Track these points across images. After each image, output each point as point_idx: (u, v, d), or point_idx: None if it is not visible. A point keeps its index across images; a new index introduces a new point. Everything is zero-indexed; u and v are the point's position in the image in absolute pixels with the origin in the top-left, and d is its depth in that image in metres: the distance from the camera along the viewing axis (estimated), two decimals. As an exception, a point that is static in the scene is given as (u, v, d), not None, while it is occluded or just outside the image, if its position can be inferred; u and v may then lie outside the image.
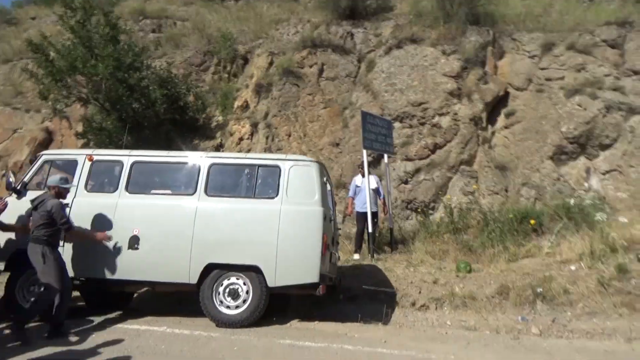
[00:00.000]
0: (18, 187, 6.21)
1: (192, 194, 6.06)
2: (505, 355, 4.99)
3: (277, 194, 5.93)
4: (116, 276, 5.97)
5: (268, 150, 10.72)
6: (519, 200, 9.46)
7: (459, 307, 6.61)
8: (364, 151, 8.54)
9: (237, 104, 11.78)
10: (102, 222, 5.99)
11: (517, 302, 6.41)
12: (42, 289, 5.45)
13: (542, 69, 10.85)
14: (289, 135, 11.05)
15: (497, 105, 10.92)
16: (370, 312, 6.45)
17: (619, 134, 9.59)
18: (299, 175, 6.00)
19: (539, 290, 6.42)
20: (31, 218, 5.52)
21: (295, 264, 5.72)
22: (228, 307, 5.83)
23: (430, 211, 9.86)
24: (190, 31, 14.07)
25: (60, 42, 10.33)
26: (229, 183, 6.34)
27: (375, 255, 8.14)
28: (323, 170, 6.34)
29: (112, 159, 6.48)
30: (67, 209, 5.83)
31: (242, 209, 5.95)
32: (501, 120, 10.84)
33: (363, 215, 8.34)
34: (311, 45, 12.08)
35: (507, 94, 10.98)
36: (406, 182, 10.07)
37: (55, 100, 10.09)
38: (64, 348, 4.93)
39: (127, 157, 6.36)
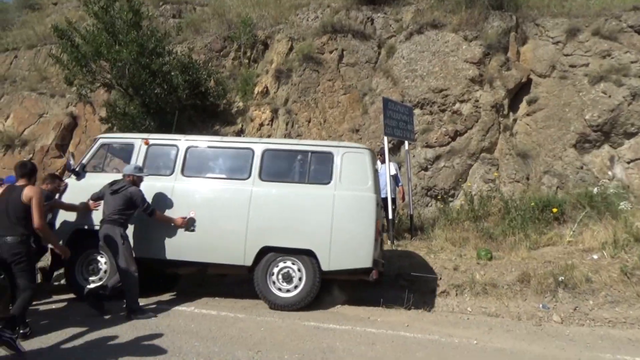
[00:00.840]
0: (77, 169, 6.46)
1: (247, 179, 6.19)
2: (529, 340, 5.05)
3: (330, 180, 6.03)
4: (171, 257, 6.17)
5: (288, 136, 10.77)
6: (540, 189, 9.41)
7: (479, 294, 6.67)
8: (385, 138, 8.55)
9: (257, 89, 11.83)
10: (159, 203, 6.17)
11: (538, 290, 6.44)
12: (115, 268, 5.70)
13: (566, 55, 10.66)
14: (309, 121, 11.09)
15: (519, 92, 10.80)
16: (392, 297, 6.55)
17: (645, 122, 9.43)
18: (352, 162, 6.08)
19: (561, 278, 6.44)
20: (106, 200, 5.81)
21: (349, 248, 5.80)
22: (281, 289, 5.97)
23: (450, 198, 9.86)
24: (210, 16, 14.10)
25: (84, 27, 10.47)
26: (282, 168, 6.45)
27: (395, 241, 8.20)
28: (374, 158, 6.41)
29: (168, 143, 6.62)
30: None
31: (296, 194, 6.07)
32: (523, 108, 10.72)
33: (382, 201, 8.39)
34: (331, 30, 12.02)
35: (529, 80, 10.84)
36: (426, 169, 10.07)
37: (80, 85, 10.25)
38: (98, 324, 5.14)
39: (183, 142, 6.52)
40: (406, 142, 9.21)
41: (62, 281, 7.38)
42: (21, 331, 4.62)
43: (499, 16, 11.39)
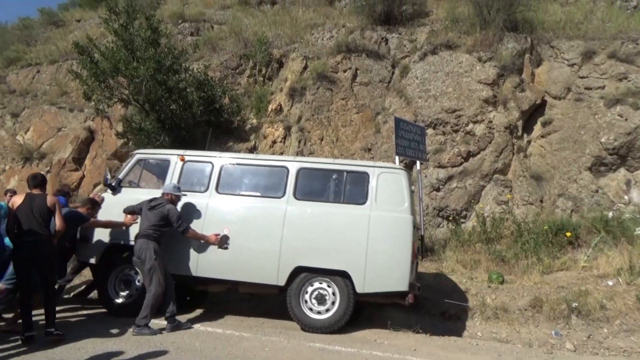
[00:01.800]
0: (113, 184, 6.57)
1: (281, 197, 6.16)
2: (538, 369, 4.92)
3: (366, 200, 5.96)
4: (203, 274, 6.16)
5: (300, 153, 10.82)
6: (554, 212, 9.26)
7: (490, 318, 6.56)
8: (397, 157, 8.52)
9: (271, 107, 11.94)
10: (192, 219, 6.21)
11: (551, 316, 6.30)
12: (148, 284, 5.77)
13: (582, 77, 10.58)
14: (322, 140, 11.13)
15: (533, 113, 10.72)
16: (399, 319, 6.46)
17: (662, 146, 9.26)
18: (388, 183, 6.01)
19: (574, 304, 6.30)
20: (143, 215, 5.96)
21: (385, 271, 5.70)
22: (316, 311, 5.89)
23: (462, 220, 9.75)
24: (227, 35, 14.35)
25: (104, 44, 10.74)
26: (317, 187, 6.42)
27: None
28: (411, 178, 6.34)
29: (203, 160, 6.66)
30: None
31: (331, 214, 6.01)
32: (537, 129, 10.63)
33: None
34: (345, 50, 12.13)
35: (544, 102, 10.76)
36: (438, 190, 9.99)
37: (98, 100, 10.45)
38: (104, 339, 5.16)
39: (218, 159, 6.57)
40: (418, 162, 9.17)
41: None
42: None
43: (514, 38, 11.39)
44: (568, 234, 8.07)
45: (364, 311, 6.53)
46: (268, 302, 7.52)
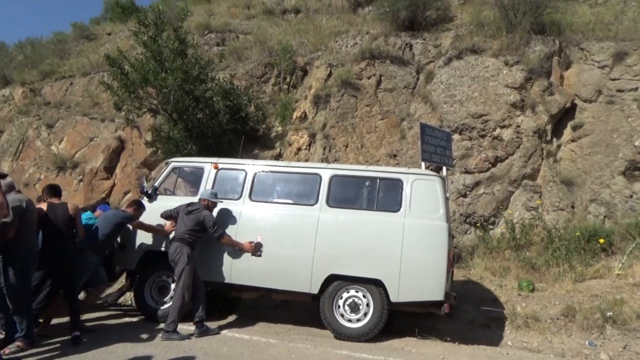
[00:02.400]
0: (149, 192, 6.77)
1: (314, 204, 6.19)
2: (572, 380, 4.78)
3: (400, 208, 5.92)
4: (237, 281, 6.24)
5: (325, 160, 10.86)
6: (586, 218, 9.00)
7: (520, 327, 6.42)
8: (422, 164, 8.45)
9: (295, 114, 12.03)
10: (226, 226, 6.32)
11: (584, 326, 6.13)
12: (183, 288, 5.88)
13: (613, 79, 10.30)
14: (346, 146, 11.15)
15: (563, 117, 10.48)
16: (427, 327, 6.38)
17: (701, 149, 8.92)
18: (422, 190, 5.95)
19: (609, 314, 6.10)
20: (180, 219, 6.13)
21: (420, 280, 5.63)
22: (348, 320, 5.88)
23: (490, 226, 9.58)
24: (252, 44, 14.57)
25: (133, 56, 11.05)
26: (350, 195, 6.40)
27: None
28: (445, 185, 6.27)
29: (237, 168, 6.77)
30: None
31: (364, 221, 5.98)
32: (567, 133, 10.38)
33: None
34: (369, 56, 12.14)
35: (574, 105, 10.51)
36: (465, 196, 9.86)
37: (128, 110, 10.74)
38: (134, 344, 5.27)
39: (251, 166, 6.67)
40: (444, 168, 9.07)
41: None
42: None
43: (541, 40, 11.18)
44: (601, 240, 7.84)
45: (395, 320, 6.48)
46: (295, 308, 7.55)
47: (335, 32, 14.03)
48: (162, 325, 5.87)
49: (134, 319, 6.53)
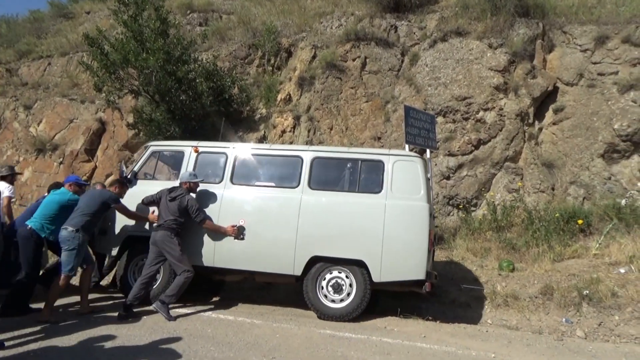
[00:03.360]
0: (129, 177, 6.67)
1: (296, 187, 6.19)
2: (549, 356, 4.92)
3: (381, 189, 5.96)
4: (220, 265, 6.24)
5: (309, 143, 10.83)
6: (566, 199, 9.18)
7: (500, 306, 6.57)
8: (406, 146, 8.49)
9: (280, 96, 11.94)
10: (208, 211, 6.29)
11: (561, 304, 6.30)
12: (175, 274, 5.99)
13: (595, 63, 10.41)
14: (331, 129, 11.12)
15: (545, 100, 10.59)
16: (409, 307, 6.49)
17: (677, 132, 9.11)
18: (403, 171, 5.99)
19: (586, 292, 6.28)
20: (162, 205, 6.08)
21: (402, 259, 5.71)
22: (332, 300, 5.93)
23: (473, 208, 9.72)
24: (236, 24, 14.33)
25: (113, 36, 10.79)
26: (332, 177, 6.40)
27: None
28: (426, 166, 6.30)
29: (217, 151, 6.71)
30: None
31: (346, 203, 6.00)
32: (549, 116, 10.50)
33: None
34: (354, 38, 12.04)
35: (556, 89, 10.61)
36: (448, 178, 9.96)
37: (109, 92, 10.52)
38: (118, 325, 5.27)
39: (231, 149, 6.61)
40: (428, 151, 9.13)
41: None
42: None
43: (525, 23, 11.21)
44: (580, 221, 8.01)
45: (378, 300, 6.56)
46: (280, 290, 7.60)
47: (320, 13, 13.87)
48: (147, 308, 5.89)
49: (118, 302, 6.50)
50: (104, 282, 7.81)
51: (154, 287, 6.26)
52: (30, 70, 15.74)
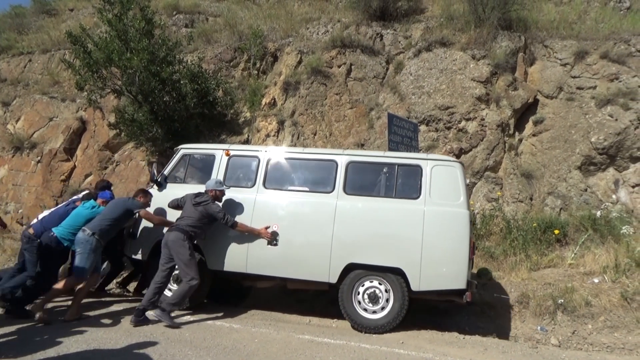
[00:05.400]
0: (159, 180, 6.56)
1: (331, 192, 6.03)
2: (523, 363, 5.00)
3: (419, 195, 5.77)
4: (252, 271, 6.09)
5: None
6: (543, 210, 9.36)
7: (477, 313, 6.64)
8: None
9: (264, 100, 11.92)
10: (240, 216, 6.14)
11: (537, 312, 6.41)
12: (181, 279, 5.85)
13: (574, 77, 10.68)
14: (315, 134, 11.16)
15: (525, 112, 10.81)
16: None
17: (651, 146, 9.39)
18: (442, 176, 5.79)
19: (560, 301, 6.40)
20: (186, 208, 5.98)
21: (441, 268, 5.50)
22: (367, 309, 5.75)
23: (453, 216, 9.82)
24: (222, 27, 14.27)
25: (97, 34, 10.66)
26: (367, 182, 6.24)
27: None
28: (465, 171, 6.10)
29: (249, 154, 6.56)
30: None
31: (383, 209, 5.82)
32: (529, 128, 10.72)
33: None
34: (340, 45, 12.13)
35: (536, 101, 10.85)
36: (429, 186, 10.05)
37: (91, 91, 10.35)
38: (95, 328, 5.18)
39: (264, 153, 6.45)
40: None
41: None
42: None
43: (508, 36, 11.45)
44: (556, 231, 8.17)
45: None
46: (259, 294, 7.57)
47: (307, 19, 13.92)
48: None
49: (95, 306, 6.40)
50: (130, 287, 7.87)
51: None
52: (10, 66, 15.41)
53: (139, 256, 6.54)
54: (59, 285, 5.60)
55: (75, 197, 6.62)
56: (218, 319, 5.99)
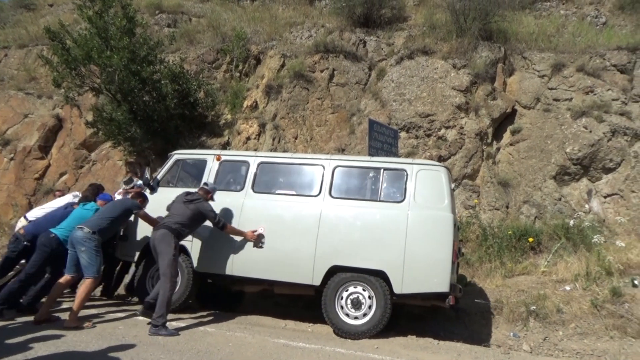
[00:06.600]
0: (152, 184, 6.61)
1: (317, 195, 6.10)
2: (495, 369, 5.06)
3: (404, 198, 5.82)
4: (239, 273, 6.11)
5: (273, 151, 10.81)
6: (519, 218, 9.52)
7: (451, 319, 6.70)
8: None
9: (246, 103, 11.88)
10: (229, 219, 6.20)
11: (510, 318, 6.50)
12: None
13: (551, 88, 10.93)
14: (296, 138, 11.15)
15: (503, 121, 11.01)
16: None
17: (623, 158, 9.64)
18: (427, 180, 5.85)
19: (533, 307, 6.51)
20: (175, 206, 5.96)
21: (425, 271, 5.52)
22: (349, 315, 5.73)
23: (431, 222, 9.91)
24: (205, 28, 14.18)
25: (77, 31, 10.49)
26: (353, 185, 6.28)
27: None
28: (450, 175, 6.19)
29: (239, 159, 6.71)
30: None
31: (368, 212, 5.88)
32: (507, 137, 10.92)
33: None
34: (323, 50, 12.18)
35: (514, 111, 11.07)
36: (408, 192, 10.13)
37: (68, 88, 10.18)
38: (63, 331, 5.07)
39: (254, 158, 6.55)
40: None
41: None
42: None
43: (488, 47, 11.66)
44: (530, 239, 8.32)
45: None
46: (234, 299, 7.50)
47: (291, 23, 13.94)
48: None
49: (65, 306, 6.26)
50: (120, 291, 7.82)
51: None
52: (-15, 60, 15.04)
53: (132, 258, 6.64)
54: (81, 292, 5.48)
55: (71, 201, 6.65)
56: (193, 322, 5.91)
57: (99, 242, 5.62)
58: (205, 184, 6.27)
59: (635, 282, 6.87)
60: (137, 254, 6.54)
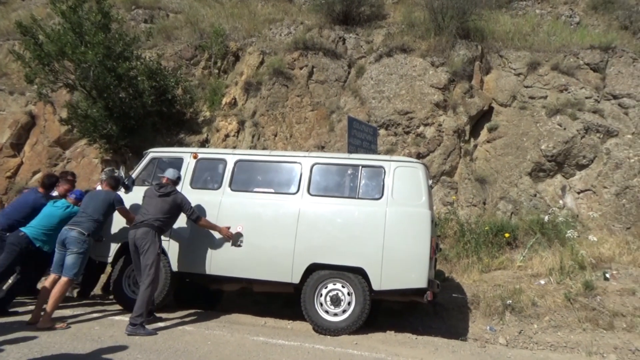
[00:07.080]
0: (127, 183, 6.44)
1: (295, 193, 6.07)
2: (471, 362, 5.14)
3: (382, 195, 5.84)
4: (217, 272, 6.06)
5: (253, 148, 10.75)
6: (495, 214, 9.68)
7: (429, 314, 6.78)
8: (348, 156, 8.63)
9: (225, 100, 11.78)
10: (206, 217, 6.10)
11: (486, 313, 6.61)
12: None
13: (527, 87, 11.13)
14: (275, 135, 11.11)
15: (480, 119, 11.17)
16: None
17: (596, 155, 9.89)
18: (404, 177, 5.88)
19: (509, 302, 6.63)
20: (149, 202, 5.78)
21: (403, 267, 5.55)
22: (328, 312, 5.73)
23: (410, 219, 10.00)
24: (183, 24, 14.00)
25: (49, 26, 10.24)
26: (331, 183, 6.27)
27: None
28: (427, 172, 6.23)
29: (216, 157, 6.62)
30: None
31: (346, 209, 5.88)
32: (484, 134, 11.07)
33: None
34: (303, 47, 12.15)
35: (491, 109, 11.23)
36: (388, 189, 10.20)
37: (41, 84, 9.92)
38: (37, 332, 4.96)
39: (231, 156, 6.49)
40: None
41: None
42: None
43: (466, 45, 11.79)
44: (507, 235, 8.48)
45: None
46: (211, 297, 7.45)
47: (270, 20, 13.87)
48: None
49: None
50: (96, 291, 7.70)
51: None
52: (-46, 55, 14.55)
53: (107, 259, 6.50)
54: (56, 291, 5.34)
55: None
56: (170, 321, 5.86)
57: (91, 244, 5.57)
58: (169, 172, 6.10)
59: (607, 275, 7.06)
60: (112, 254, 6.42)
